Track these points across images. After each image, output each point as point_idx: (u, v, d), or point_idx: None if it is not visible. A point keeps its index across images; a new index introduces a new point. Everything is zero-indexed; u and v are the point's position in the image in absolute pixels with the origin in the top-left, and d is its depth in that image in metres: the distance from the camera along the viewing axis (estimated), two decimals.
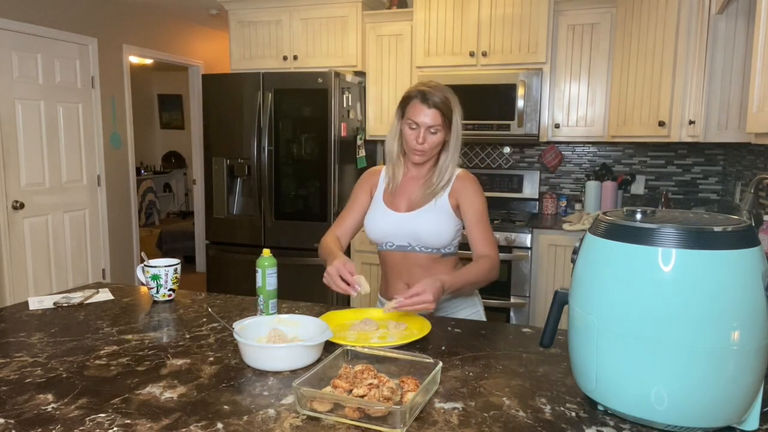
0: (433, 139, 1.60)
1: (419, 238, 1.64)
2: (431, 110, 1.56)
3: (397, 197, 1.70)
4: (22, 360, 1.23)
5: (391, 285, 1.74)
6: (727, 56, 2.43)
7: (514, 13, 3.32)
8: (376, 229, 1.70)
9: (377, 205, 1.72)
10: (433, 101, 1.56)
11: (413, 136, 1.59)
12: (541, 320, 3.18)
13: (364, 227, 1.74)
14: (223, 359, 1.24)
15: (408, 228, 1.65)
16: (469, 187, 1.65)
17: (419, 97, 1.58)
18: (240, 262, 3.63)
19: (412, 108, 1.59)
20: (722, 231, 0.87)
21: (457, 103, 1.61)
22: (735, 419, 0.91)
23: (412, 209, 1.67)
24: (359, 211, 1.75)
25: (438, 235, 1.63)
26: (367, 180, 1.78)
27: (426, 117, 1.57)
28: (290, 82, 3.45)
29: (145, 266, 1.67)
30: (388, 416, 0.94)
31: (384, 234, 1.68)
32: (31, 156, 3.92)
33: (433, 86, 1.60)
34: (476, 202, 1.64)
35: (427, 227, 1.63)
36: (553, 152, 3.72)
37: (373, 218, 1.71)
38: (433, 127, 1.58)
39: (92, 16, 4.37)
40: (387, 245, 1.70)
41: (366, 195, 1.75)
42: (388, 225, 1.67)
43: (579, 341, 0.99)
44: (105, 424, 0.95)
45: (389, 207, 1.70)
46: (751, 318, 0.86)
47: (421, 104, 1.57)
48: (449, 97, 1.60)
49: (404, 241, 1.67)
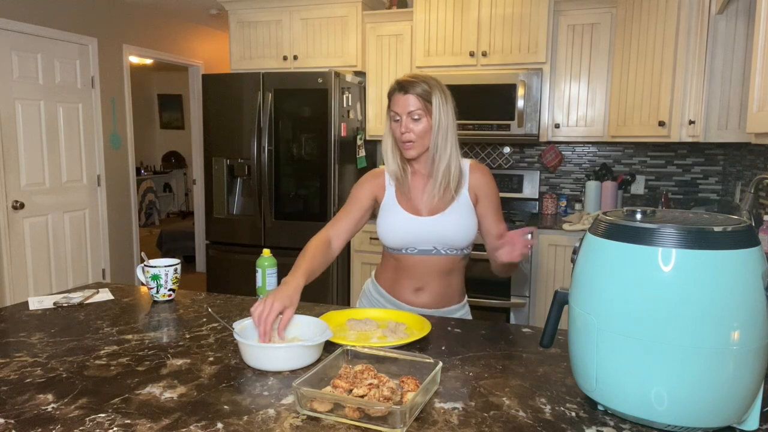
0: (417, 126, 1.55)
1: (446, 241, 1.61)
2: (407, 96, 1.55)
3: (414, 200, 1.65)
4: (22, 360, 1.23)
5: (402, 286, 1.68)
6: (727, 56, 2.43)
7: (514, 13, 3.32)
8: (395, 235, 1.63)
9: (393, 210, 1.65)
10: (410, 88, 1.55)
11: (398, 129, 1.58)
12: (541, 320, 3.18)
13: (380, 235, 1.66)
14: (223, 359, 1.24)
15: (435, 232, 1.60)
16: (488, 179, 1.65)
17: (397, 87, 1.57)
18: (240, 262, 3.63)
19: (394, 101, 1.58)
20: (722, 231, 0.87)
21: (440, 89, 1.57)
22: (735, 419, 0.91)
23: (435, 212, 1.62)
24: (358, 214, 1.66)
25: (466, 235, 1.61)
26: (369, 182, 1.70)
27: (405, 104, 1.55)
28: (290, 82, 3.45)
29: (145, 266, 1.67)
30: (388, 416, 0.94)
31: (405, 240, 1.62)
32: (31, 156, 3.92)
33: (412, 75, 1.59)
34: (495, 193, 1.66)
35: (455, 228, 1.60)
36: (553, 152, 3.72)
37: (390, 225, 1.64)
38: (414, 113, 1.55)
39: (92, 16, 4.37)
40: (407, 250, 1.64)
41: (368, 198, 1.67)
42: (411, 231, 1.61)
43: (579, 341, 0.99)
44: (105, 424, 0.95)
45: (409, 211, 1.64)
46: (751, 318, 0.86)
47: (399, 94, 1.56)
48: (429, 83, 1.57)
49: (429, 246, 1.63)
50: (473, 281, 1.82)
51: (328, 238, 1.59)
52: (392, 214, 1.64)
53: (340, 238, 1.62)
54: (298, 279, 1.37)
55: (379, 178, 1.70)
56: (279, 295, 1.29)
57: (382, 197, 1.68)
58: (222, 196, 3.75)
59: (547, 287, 3.21)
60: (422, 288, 1.67)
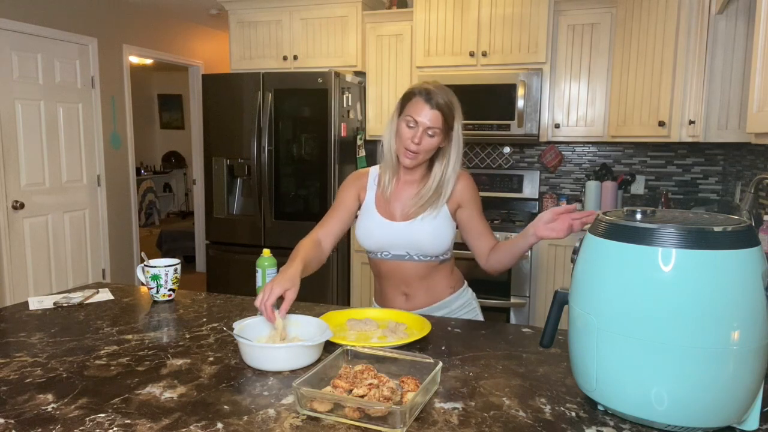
0: (430, 142, 1.52)
1: (418, 247, 1.59)
2: (433, 111, 1.50)
3: (392, 204, 1.63)
4: (22, 360, 1.23)
5: (388, 294, 1.68)
6: (727, 56, 2.43)
7: (514, 13, 3.32)
8: (370, 239, 1.63)
9: (370, 214, 1.64)
10: (437, 102, 1.50)
11: (409, 135, 1.51)
12: (541, 320, 3.18)
13: (357, 237, 1.66)
14: (223, 359, 1.24)
15: (406, 238, 1.59)
16: (469, 187, 1.62)
17: (423, 95, 1.51)
18: (240, 262, 3.63)
19: (414, 105, 1.52)
20: (722, 231, 0.87)
21: (459, 110, 1.55)
22: (735, 419, 0.91)
23: (408, 218, 1.60)
24: (344, 215, 1.65)
25: (438, 244, 1.59)
26: (353, 183, 1.68)
27: (426, 117, 1.50)
28: (290, 82, 3.45)
29: (145, 266, 1.67)
30: (388, 416, 0.94)
31: (380, 244, 1.62)
32: (31, 156, 3.92)
33: (438, 86, 1.53)
34: (477, 201, 1.63)
35: (426, 236, 1.57)
36: (553, 152, 3.72)
37: (366, 228, 1.63)
38: (432, 129, 1.51)
39: (92, 16, 4.37)
40: (382, 254, 1.64)
41: (352, 199, 1.67)
42: (384, 235, 1.60)
43: (579, 341, 0.99)
44: (105, 424, 0.95)
45: (384, 216, 1.62)
46: (751, 318, 0.86)
47: (424, 103, 1.50)
48: (453, 101, 1.53)
49: (401, 251, 1.61)
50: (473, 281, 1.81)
51: (318, 239, 1.59)
52: (368, 217, 1.64)
53: (329, 238, 1.63)
54: (297, 265, 1.39)
55: (362, 179, 1.69)
56: (279, 279, 1.32)
57: (363, 198, 1.68)
58: (222, 196, 3.75)
59: (547, 287, 3.21)
60: (407, 293, 1.66)
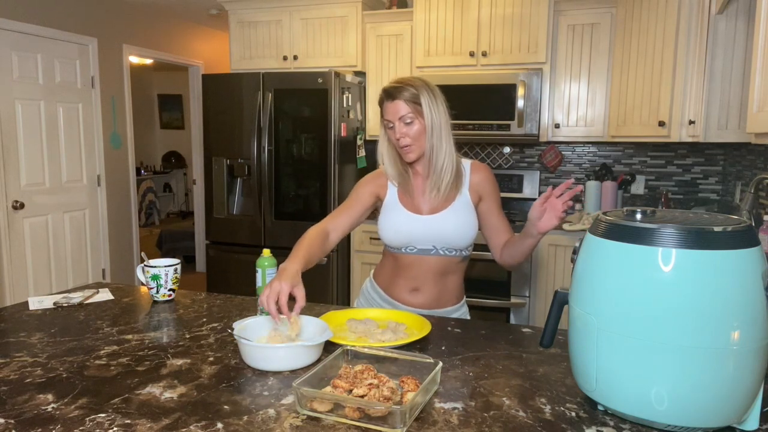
0: (411, 129, 1.56)
1: (445, 240, 1.62)
2: (396, 102, 1.55)
3: (416, 198, 1.66)
4: (22, 360, 1.23)
5: (398, 285, 1.69)
6: (727, 56, 2.43)
7: (514, 13, 3.32)
8: (398, 234, 1.64)
9: (395, 209, 1.66)
10: (395, 95, 1.56)
11: (393, 135, 1.58)
12: (541, 320, 3.18)
13: (381, 233, 1.67)
14: (223, 359, 1.24)
15: (434, 231, 1.61)
16: (489, 179, 1.67)
17: (385, 97, 1.59)
18: (240, 262, 3.63)
19: (384, 109, 1.59)
20: (722, 231, 0.87)
21: (427, 89, 1.57)
22: (735, 419, 0.91)
23: (435, 211, 1.63)
24: (358, 210, 1.68)
25: (463, 234, 1.62)
26: (372, 181, 1.71)
27: (394, 111, 1.56)
28: (290, 82, 3.45)
29: (145, 266, 1.67)
30: (388, 416, 0.94)
31: (408, 238, 1.63)
32: (31, 156, 3.92)
33: (397, 81, 1.59)
34: (496, 195, 1.68)
35: (454, 228, 1.61)
36: (553, 152, 3.72)
37: (393, 222, 1.65)
38: (405, 117, 1.55)
39: (92, 16, 4.37)
40: (407, 249, 1.65)
41: (369, 196, 1.69)
42: (413, 230, 1.62)
43: (579, 341, 0.99)
44: (105, 424, 0.95)
45: (411, 210, 1.65)
46: (751, 318, 0.86)
47: (388, 102, 1.57)
48: (415, 85, 1.56)
49: (428, 245, 1.63)
50: (473, 281, 1.82)
51: (327, 230, 1.61)
52: (394, 212, 1.66)
53: (338, 231, 1.64)
54: (296, 264, 1.38)
55: (381, 178, 1.71)
56: (284, 278, 1.31)
57: (384, 196, 1.69)
58: (222, 196, 3.75)
59: (547, 287, 3.21)
60: (418, 288, 1.68)
